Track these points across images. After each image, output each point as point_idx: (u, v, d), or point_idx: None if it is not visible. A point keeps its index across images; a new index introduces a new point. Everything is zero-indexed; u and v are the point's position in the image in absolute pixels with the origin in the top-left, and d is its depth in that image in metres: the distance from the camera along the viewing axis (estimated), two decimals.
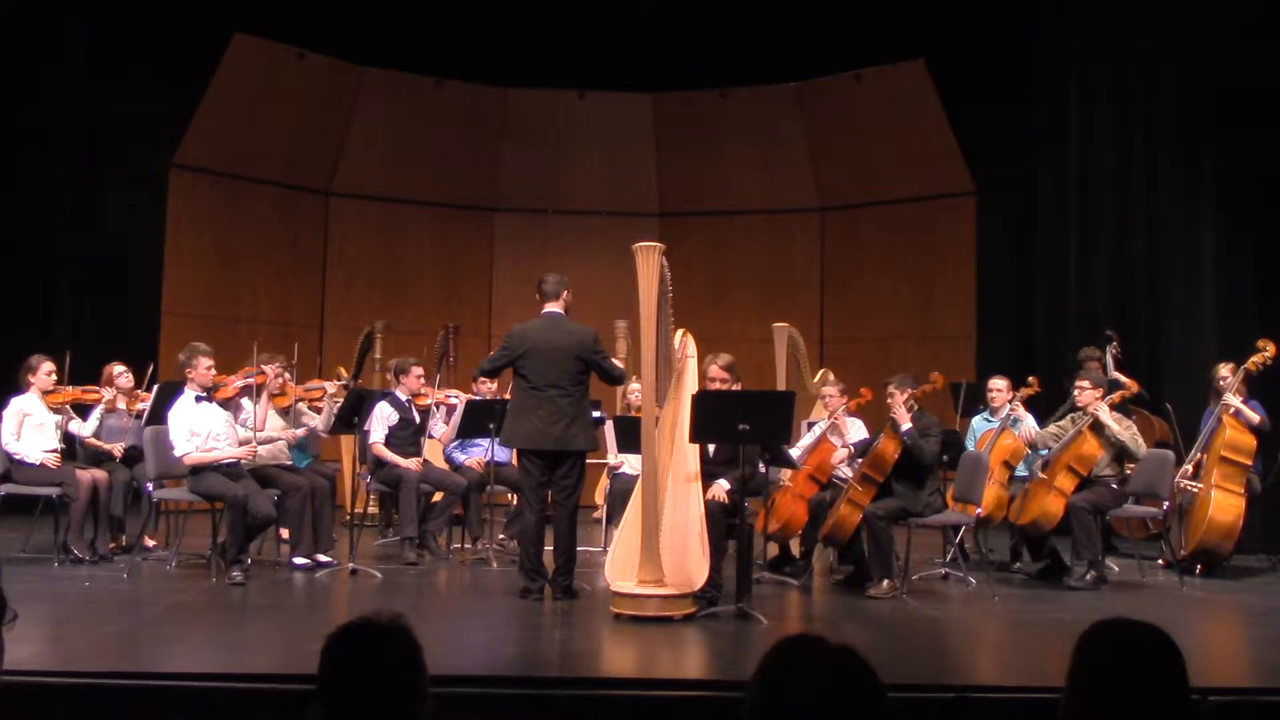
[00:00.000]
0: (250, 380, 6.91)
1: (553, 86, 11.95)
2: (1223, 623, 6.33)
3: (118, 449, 7.47)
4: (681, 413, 5.93)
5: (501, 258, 12.40)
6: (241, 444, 6.85)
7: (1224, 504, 7.22)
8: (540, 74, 11.80)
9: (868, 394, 7.63)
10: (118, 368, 7.67)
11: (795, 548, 7.47)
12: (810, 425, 7.82)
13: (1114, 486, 6.93)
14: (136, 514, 7.55)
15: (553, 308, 6.27)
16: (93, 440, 7.45)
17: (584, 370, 6.17)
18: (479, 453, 8.02)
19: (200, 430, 6.64)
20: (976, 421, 7.99)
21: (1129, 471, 7.03)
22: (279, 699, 3.85)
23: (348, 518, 7.80)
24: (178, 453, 6.58)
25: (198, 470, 6.61)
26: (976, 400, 8.42)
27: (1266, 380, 7.58)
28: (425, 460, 7.87)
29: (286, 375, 7.57)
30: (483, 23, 11.23)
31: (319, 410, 7.69)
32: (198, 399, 6.68)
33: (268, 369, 7.22)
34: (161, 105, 10.39)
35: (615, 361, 6.83)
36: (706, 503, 5.81)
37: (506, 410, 6.37)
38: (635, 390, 8.10)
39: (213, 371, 6.77)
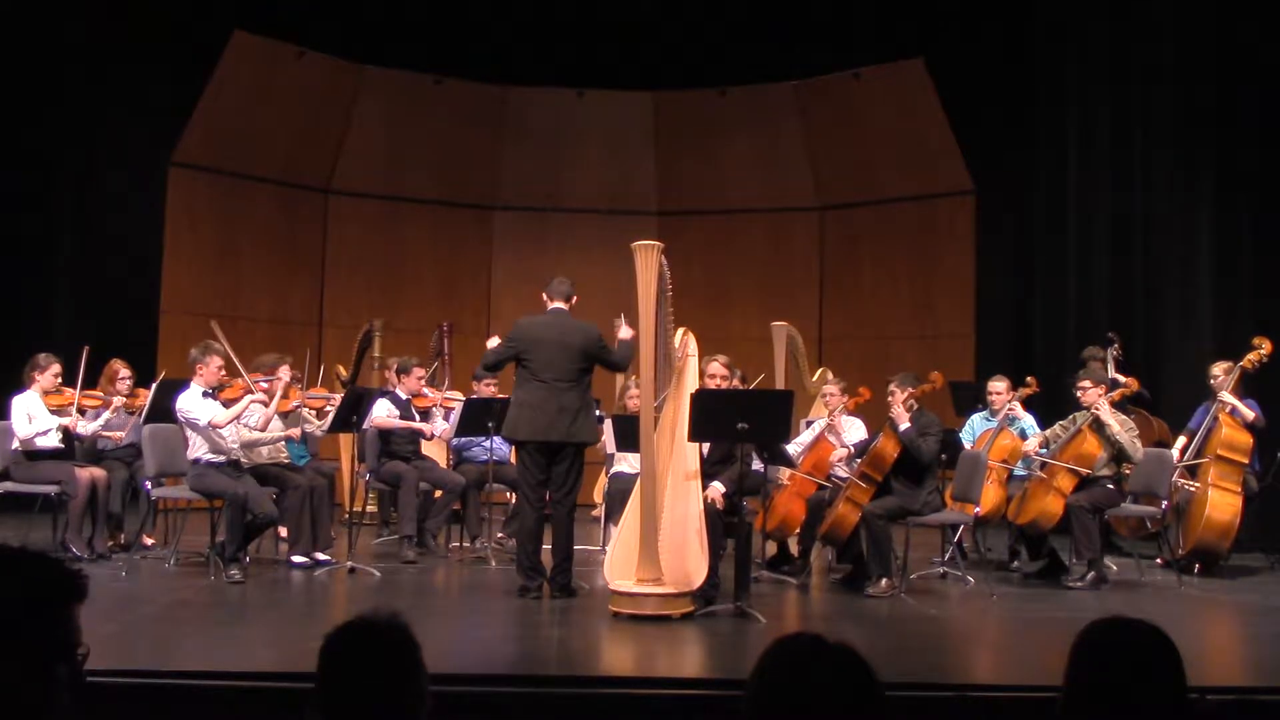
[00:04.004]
0: (260, 385, 6.90)
1: (552, 85, 11.93)
2: (1221, 621, 6.34)
3: (118, 435, 7.45)
4: (682, 411, 5.94)
5: (501, 256, 12.38)
6: (245, 445, 6.86)
7: (1221, 503, 7.23)
8: (540, 72, 11.79)
9: (866, 393, 7.64)
10: (122, 371, 7.62)
11: (794, 546, 7.48)
12: (809, 424, 7.83)
13: (1109, 487, 6.93)
14: (135, 512, 7.55)
15: (559, 305, 6.28)
16: (103, 433, 7.40)
17: (588, 366, 6.17)
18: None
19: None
20: (975, 421, 8.00)
21: (1126, 472, 7.04)
22: (278, 697, 3.85)
23: (346, 516, 7.80)
24: (203, 421, 6.54)
25: (199, 467, 6.60)
26: (974, 399, 8.43)
27: (1263, 378, 7.59)
28: (426, 456, 7.89)
29: (295, 380, 7.55)
30: (482, 21, 11.23)
31: (323, 415, 7.68)
32: (204, 394, 6.66)
33: (283, 371, 7.20)
34: (161, 103, 10.36)
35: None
36: (705, 502, 5.82)
37: (510, 404, 6.35)
38: (635, 395, 8.08)
39: (223, 372, 6.76)
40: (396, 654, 1.86)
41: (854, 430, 7.46)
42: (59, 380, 7.19)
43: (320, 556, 6.93)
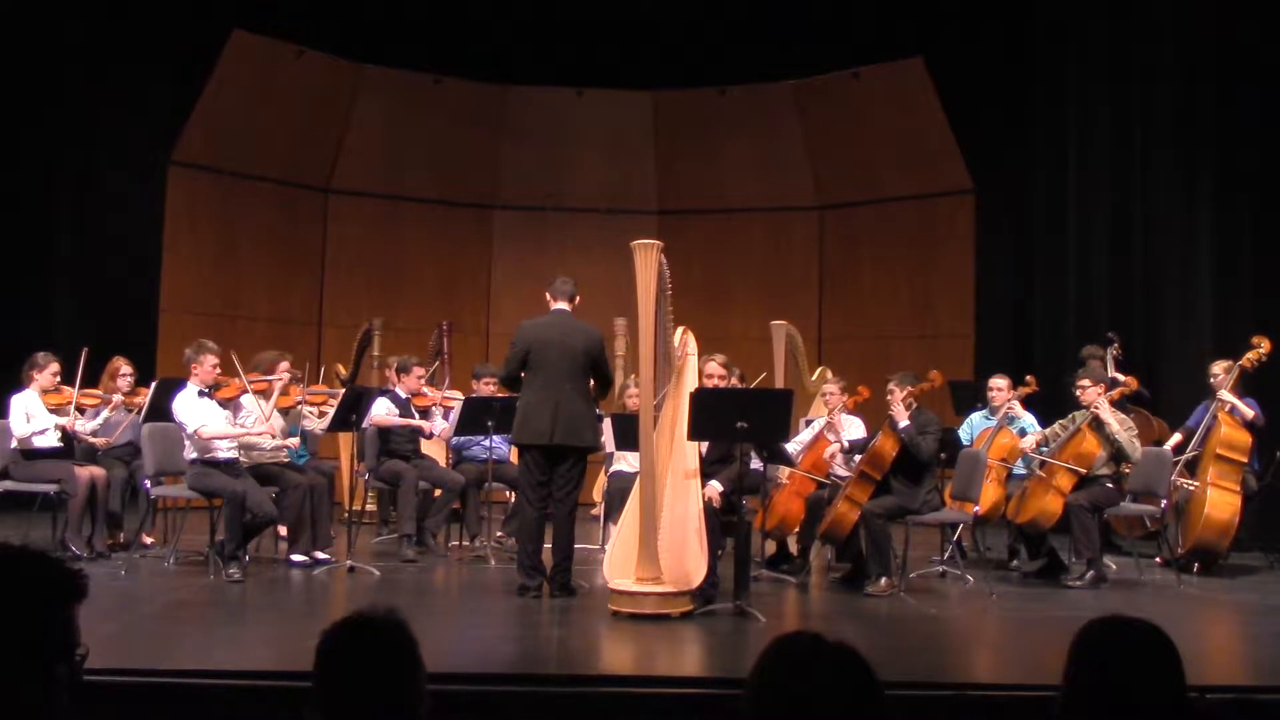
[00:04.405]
0: (256, 385, 6.91)
1: (552, 84, 11.93)
2: (1220, 621, 6.34)
3: (105, 440, 7.43)
4: (681, 410, 5.94)
5: (500, 255, 12.39)
6: (245, 448, 6.85)
7: (1220, 502, 7.23)
8: (539, 71, 11.79)
9: (865, 392, 7.64)
10: (124, 368, 7.62)
11: (793, 545, 7.48)
12: (809, 422, 7.84)
13: (1109, 486, 6.94)
14: (134, 511, 7.54)
15: (562, 305, 6.28)
16: (88, 437, 7.39)
17: (589, 369, 6.17)
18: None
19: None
20: (974, 419, 8.00)
21: (1125, 471, 7.04)
22: (277, 696, 3.85)
23: (346, 515, 7.80)
24: (191, 427, 6.53)
25: (199, 466, 6.59)
26: (973, 398, 8.43)
27: (1263, 378, 7.60)
28: (425, 455, 7.89)
29: (296, 376, 7.54)
30: (482, 21, 11.23)
31: (323, 414, 7.68)
32: (200, 394, 6.66)
33: (283, 365, 7.19)
34: (160, 102, 10.37)
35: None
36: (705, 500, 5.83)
37: (515, 406, 6.35)
38: (634, 395, 8.09)
39: (218, 370, 6.76)
40: (394, 649, 1.86)
41: (853, 429, 7.46)
42: (58, 379, 7.18)
43: (320, 555, 6.93)
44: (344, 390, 7.81)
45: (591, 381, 6.22)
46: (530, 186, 12.27)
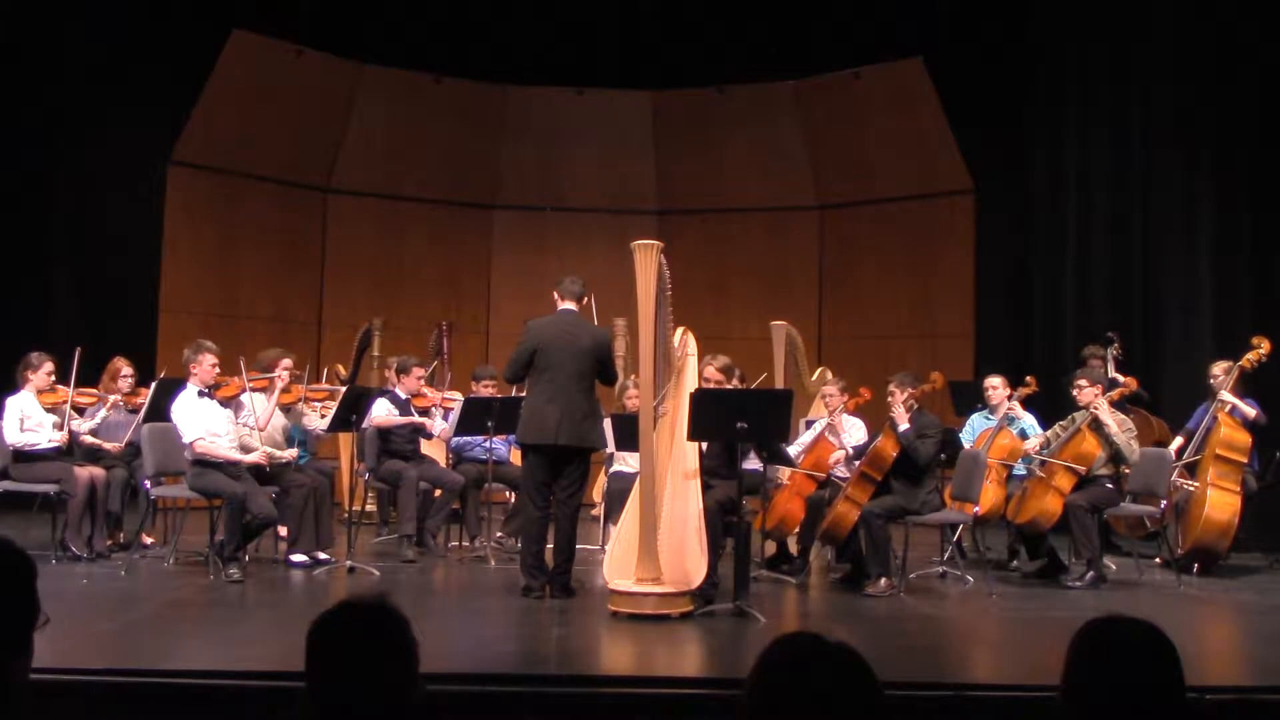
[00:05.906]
0: (261, 380, 6.91)
1: (552, 84, 11.94)
2: (1219, 621, 6.34)
3: (115, 446, 7.44)
4: (681, 410, 5.94)
5: (500, 255, 12.39)
6: (245, 449, 6.85)
7: (1220, 502, 7.23)
8: (539, 71, 11.80)
9: (867, 393, 7.64)
10: (124, 369, 7.61)
11: (793, 546, 7.48)
12: (809, 423, 7.83)
13: (1108, 486, 6.94)
14: (134, 511, 7.55)
15: (570, 305, 6.28)
16: (90, 439, 7.40)
17: (595, 368, 6.18)
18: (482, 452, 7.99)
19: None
20: (975, 420, 8.00)
21: (1125, 471, 7.05)
22: (277, 696, 3.85)
23: (346, 515, 7.79)
24: (187, 439, 6.55)
25: (199, 466, 6.59)
26: (974, 398, 8.43)
27: (1262, 377, 7.60)
28: (426, 456, 7.89)
29: (298, 376, 7.54)
30: (482, 20, 11.24)
31: (323, 415, 7.68)
32: (200, 394, 6.66)
33: (285, 362, 7.19)
34: (160, 102, 10.38)
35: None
36: (705, 500, 5.82)
37: (515, 405, 6.34)
38: (633, 395, 8.09)
39: (217, 369, 6.76)
40: (386, 632, 1.85)
41: (854, 430, 7.46)
42: (53, 379, 7.16)
43: (320, 556, 6.93)
44: (344, 390, 7.81)
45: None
46: (530, 186, 12.27)
